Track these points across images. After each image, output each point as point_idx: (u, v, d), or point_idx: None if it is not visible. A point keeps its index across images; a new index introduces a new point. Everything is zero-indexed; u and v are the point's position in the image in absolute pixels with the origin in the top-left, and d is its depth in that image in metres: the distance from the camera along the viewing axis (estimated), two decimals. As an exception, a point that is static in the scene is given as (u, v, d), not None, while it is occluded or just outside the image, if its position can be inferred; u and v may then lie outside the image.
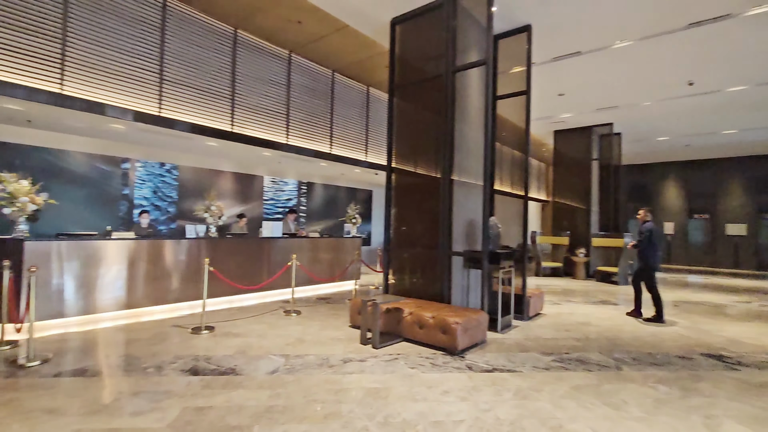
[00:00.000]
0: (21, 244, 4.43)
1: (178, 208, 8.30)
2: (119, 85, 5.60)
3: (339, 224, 11.66)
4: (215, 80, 6.72)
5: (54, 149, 6.66)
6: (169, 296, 5.68)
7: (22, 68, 4.79)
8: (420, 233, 5.48)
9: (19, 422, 2.50)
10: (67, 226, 6.45)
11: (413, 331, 4.40)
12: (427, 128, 5.50)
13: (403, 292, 5.53)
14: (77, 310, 4.84)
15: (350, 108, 9.29)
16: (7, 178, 4.51)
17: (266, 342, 4.35)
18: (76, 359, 3.69)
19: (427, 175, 5.48)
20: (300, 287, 7.42)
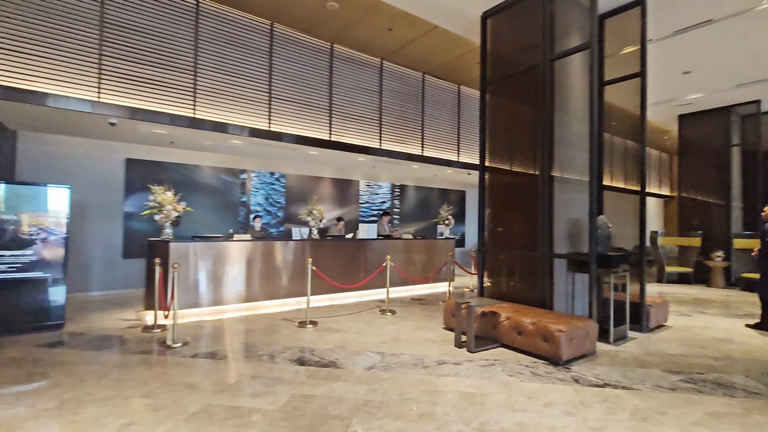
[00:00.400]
0: (167, 245, 5.32)
1: (286, 213, 9.15)
2: (237, 106, 6.40)
3: (432, 226, 11.65)
4: (315, 93, 7.27)
5: (189, 165, 7.88)
6: (279, 292, 6.28)
7: (165, 99, 5.76)
8: (517, 234, 5.20)
9: (167, 393, 3.01)
10: (199, 230, 7.56)
11: (511, 336, 4.20)
12: (522, 123, 5.22)
13: (499, 295, 5.31)
14: (208, 302, 5.64)
15: (441, 108, 9.24)
16: (157, 190, 5.46)
17: (363, 339, 4.55)
18: (207, 343, 4.31)
19: (524, 173, 5.18)
20: (394, 287, 7.60)
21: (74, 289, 6.55)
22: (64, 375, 3.34)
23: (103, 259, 7.01)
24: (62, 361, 3.69)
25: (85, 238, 6.83)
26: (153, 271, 4.96)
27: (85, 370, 3.46)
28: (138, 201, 7.15)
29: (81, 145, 6.84)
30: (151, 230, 7.11)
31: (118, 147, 7.17)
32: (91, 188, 6.90)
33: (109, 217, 7.07)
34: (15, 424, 2.54)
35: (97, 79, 5.24)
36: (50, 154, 6.58)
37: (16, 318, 4.58)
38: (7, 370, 3.45)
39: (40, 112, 5.18)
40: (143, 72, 5.58)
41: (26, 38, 4.78)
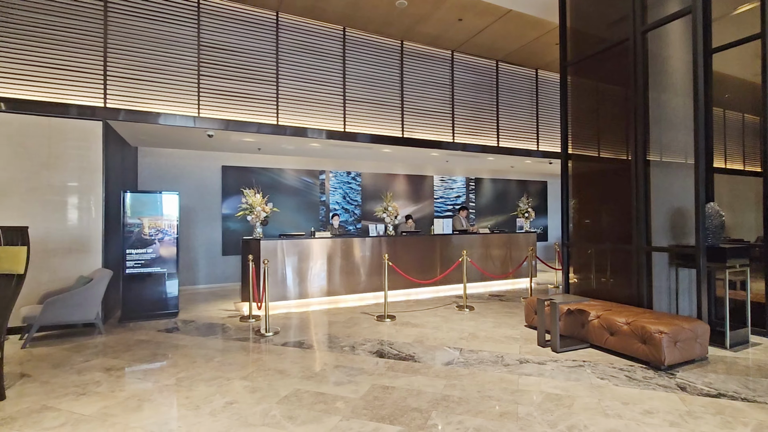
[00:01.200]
0: (258, 243, 5.84)
1: (362, 210, 9.45)
2: (315, 110, 6.76)
3: (510, 219, 11.17)
4: (387, 92, 7.39)
5: (274, 168, 8.52)
6: (358, 287, 6.53)
7: (252, 110, 6.30)
8: (607, 226, 4.78)
9: (262, 377, 3.32)
10: (285, 228, 8.16)
11: (601, 336, 3.88)
12: (611, 104, 4.77)
13: (586, 292, 4.93)
14: (294, 295, 6.08)
15: (518, 96, 8.80)
16: (248, 193, 6.00)
17: (441, 334, 4.54)
18: (295, 333, 4.65)
19: (614, 158, 4.74)
20: (472, 283, 7.45)
21: (184, 283, 7.49)
22: (180, 356, 3.85)
23: (205, 256, 7.91)
24: (177, 344, 4.26)
25: (191, 238, 7.76)
26: (247, 267, 5.48)
27: (196, 353, 3.95)
28: (232, 204, 7.94)
29: (186, 156, 7.78)
30: (245, 229, 7.84)
31: (215, 156, 8.01)
32: (194, 193, 7.82)
33: (210, 218, 7.94)
34: (144, 396, 3.00)
35: (197, 96, 5.91)
36: (162, 166, 7.59)
37: (142, 306, 5.39)
38: (138, 350, 4.08)
39: (153, 129, 5.99)
40: (233, 87, 6.16)
41: (141, 66, 5.57)
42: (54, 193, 4.93)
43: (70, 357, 3.87)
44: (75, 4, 5.17)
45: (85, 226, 5.07)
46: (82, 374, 3.42)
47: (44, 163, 4.91)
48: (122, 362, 3.71)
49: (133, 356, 3.88)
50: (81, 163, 5.08)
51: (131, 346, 4.22)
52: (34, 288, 4.69)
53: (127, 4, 5.47)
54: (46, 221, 4.87)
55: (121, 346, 4.22)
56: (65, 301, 4.31)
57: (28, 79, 4.93)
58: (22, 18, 4.91)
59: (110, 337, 4.55)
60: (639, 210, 4.37)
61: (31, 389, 3.13)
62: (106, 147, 5.27)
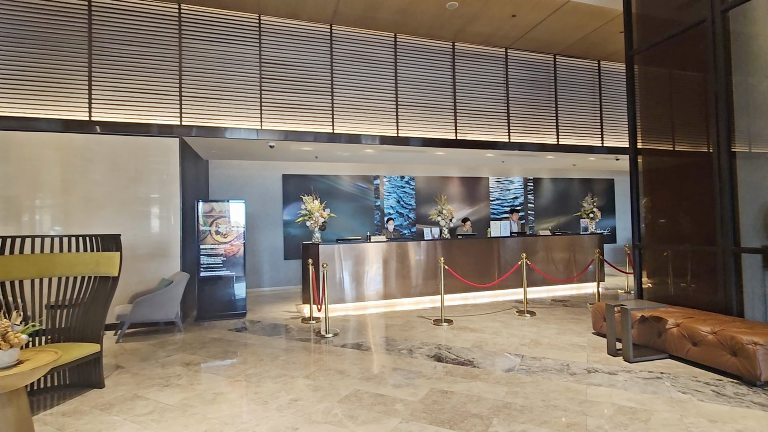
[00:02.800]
0: (317, 247, 6.07)
1: (416, 214, 9.46)
2: (368, 117, 6.91)
3: (574, 220, 10.57)
4: (439, 95, 7.36)
5: (331, 175, 8.82)
6: (414, 290, 6.54)
7: (309, 120, 6.58)
8: (685, 226, 4.38)
9: (323, 376, 3.45)
10: (341, 233, 8.39)
11: (682, 347, 3.54)
12: (686, 92, 4.37)
13: (662, 298, 4.54)
14: (352, 298, 6.23)
15: (578, 90, 8.33)
16: (306, 200, 6.27)
17: (500, 339, 4.42)
18: (354, 335, 4.76)
19: (692, 152, 4.34)
20: (533, 288, 7.16)
21: (250, 285, 7.97)
22: (249, 354, 4.11)
23: (269, 260, 8.36)
24: (246, 342, 4.55)
25: (255, 243, 8.24)
26: (307, 271, 5.72)
27: (263, 351, 4.20)
28: (292, 210, 8.33)
29: (250, 166, 8.31)
30: (304, 235, 8.19)
31: (276, 165, 8.47)
32: (258, 201, 8.31)
33: (272, 224, 8.39)
34: (219, 389, 3.25)
35: (259, 110, 6.31)
36: (230, 176, 8.16)
37: (215, 307, 5.82)
38: (211, 347, 4.42)
39: (221, 142, 6.48)
40: (292, 99, 6.49)
41: (210, 85, 6.06)
42: (139, 204, 5.51)
43: (155, 352, 4.29)
44: (155, 34, 5.77)
45: (165, 233, 5.60)
46: (165, 367, 3.77)
47: (132, 178, 5.51)
48: (199, 358, 4.04)
49: (207, 353, 4.21)
50: (161, 176, 5.62)
51: (206, 343, 4.57)
52: (124, 289, 5.26)
53: (199, 29, 5.99)
54: (134, 229, 5.45)
55: (197, 343, 4.59)
56: (150, 301, 4.79)
57: (117, 104, 5.57)
58: (107, 48, 5.56)
59: (188, 335, 4.96)
60: (724, 207, 3.94)
61: (125, 379, 3.51)
62: (182, 161, 5.79)
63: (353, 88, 6.83)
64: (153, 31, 5.76)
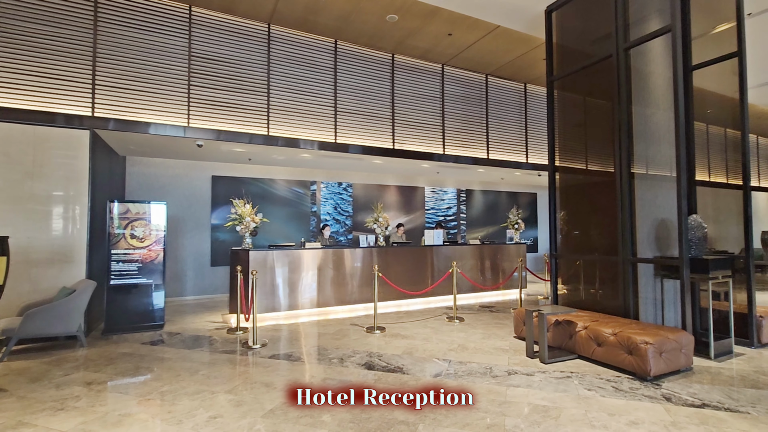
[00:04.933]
0: (247, 254, 5.80)
1: (353, 221, 9.46)
2: (306, 121, 6.80)
3: (501, 230, 11.26)
4: (378, 104, 7.48)
5: (265, 179, 8.52)
6: (349, 298, 6.51)
7: (243, 120, 6.32)
8: (594, 237, 4.86)
9: (247, 390, 3.28)
10: (274, 239, 8.12)
11: (588, 347, 3.91)
12: (596, 118, 4.89)
13: (575, 303, 4.98)
14: (284, 307, 6.03)
15: (507, 109, 8.96)
16: (237, 203, 5.98)
17: (430, 346, 4.54)
18: (284, 346, 4.60)
19: (600, 171, 4.84)
20: (462, 294, 7.46)
21: (171, 294, 7.39)
22: (164, 370, 3.79)
23: (193, 267, 7.82)
24: (162, 357, 4.19)
25: (179, 248, 7.68)
26: (236, 278, 5.44)
27: (180, 366, 3.89)
28: (222, 214, 7.90)
29: (175, 165, 7.75)
30: (234, 240, 7.79)
31: (204, 166, 7.99)
32: (183, 203, 7.76)
33: (198, 229, 7.88)
34: (126, 410, 2.95)
35: (187, 106, 5.92)
36: (150, 175, 7.54)
37: (127, 318, 5.30)
38: (120, 363, 4.00)
39: (142, 139, 5.97)
40: (224, 97, 6.19)
41: (131, 75, 5.58)
42: (37, 203, 4.88)
43: (50, 371, 3.79)
44: (64, 12, 5.19)
45: (69, 236, 5.00)
46: (61, 389, 3.35)
47: (28, 172, 4.86)
48: (104, 376, 3.64)
49: (115, 370, 3.81)
50: (66, 173, 5.03)
51: (114, 359, 4.14)
52: (13, 300, 4.60)
53: (118, 12, 5.51)
54: (29, 231, 4.80)
55: (103, 359, 4.14)
56: (46, 312, 4.23)
57: (12, 88, 4.90)
58: (7, 26, 4.90)
59: (92, 350, 4.46)
60: (624, 222, 4.45)
61: (7, 405, 3.05)
62: (93, 156, 5.23)
63: (291, 91, 6.70)
64: (63, 10, 5.18)
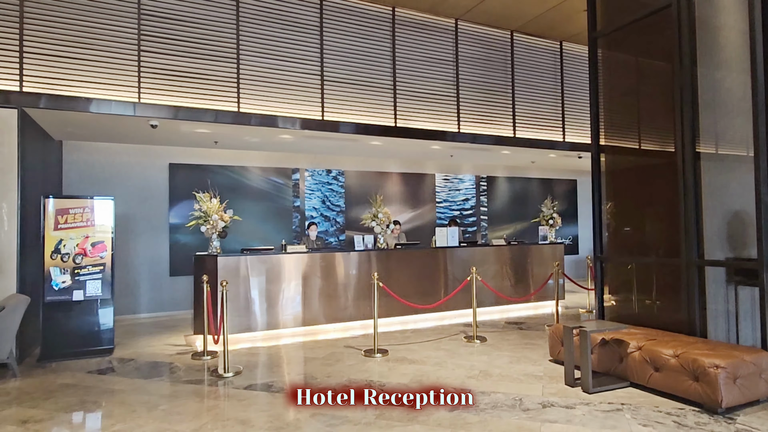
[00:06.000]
0: (215, 260, 5.80)
1: (346, 218, 9.45)
2: (286, 94, 6.77)
3: (532, 227, 11.22)
4: (375, 71, 7.43)
5: (235, 166, 8.52)
6: (342, 314, 6.53)
7: (207, 94, 6.29)
8: (650, 235, 4.85)
9: (219, 429, 3.28)
10: (249, 241, 8.12)
11: (643, 373, 3.90)
12: (651, 84, 4.87)
13: (626, 318, 4.96)
14: (262, 325, 6.06)
15: (538, 75, 8.90)
16: (201, 198, 5.98)
17: (445, 372, 4.53)
18: (262, 373, 4.61)
19: (657, 151, 4.82)
20: (484, 308, 7.46)
21: (122, 311, 7.40)
22: (115, 404, 3.80)
23: (149, 277, 7.84)
24: (113, 389, 4.20)
25: (131, 255, 7.69)
26: (201, 290, 5.44)
27: (135, 399, 3.90)
28: (183, 211, 7.89)
29: (124, 151, 7.74)
30: (198, 243, 7.79)
31: (160, 151, 7.99)
32: (135, 198, 7.76)
33: (155, 230, 7.89)
34: (67, 456, 2.95)
35: (137, 78, 5.90)
36: (94, 164, 7.54)
37: (68, 342, 5.30)
38: (62, 397, 4.01)
39: (83, 119, 5.95)
40: (184, 66, 6.15)
41: (66, 41, 5.55)
42: (-46, 200, 4.88)
43: (-27, 408, 3.80)
44: (-17, -38, 5.17)
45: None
46: (-13, 430, 3.35)
47: (-58, 162, 4.86)
48: (42, 412, 3.65)
49: (55, 404, 3.82)
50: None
51: (53, 391, 4.15)
52: (-73, 320, 4.61)
53: (49, -38, 5.48)
54: (-56, 235, 4.81)
55: (40, 392, 4.16)
56: (-33, 336, 4.24)
57: None
58: None
59: (27, 381, 4.47)
60: (688, 215, 4.41)
61: None
62: (22, 141, 5.23)
63: (267, 56, 6.66)
64: (-20, -42, 5.16)
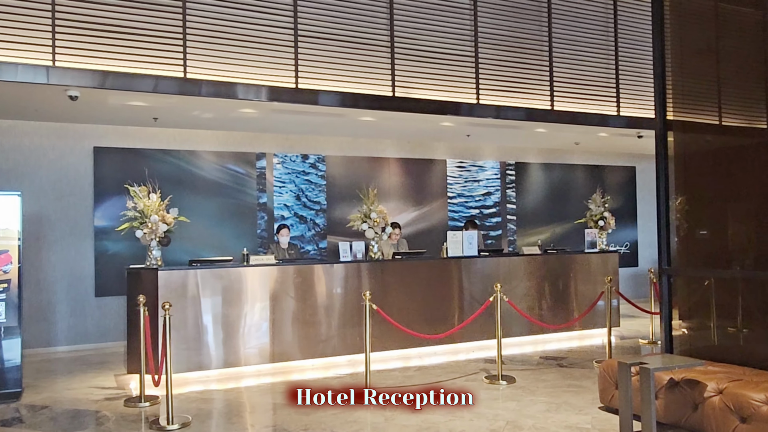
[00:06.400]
0: (155, 275, 5.73)
1: (328, 218, 9.41)
2: (247, 53, 6.69)
3: (576, 230, 11.13)
4: (366, 21, 7.35)
5: (182, 151, 8.47)
6: (323, 347, 6.50)
7: (144, 54, 6.21)
8: (736, 241, 4.82)
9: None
10: (199, 250, 8.06)
11: (726, 424, 3.83)
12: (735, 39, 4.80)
13: (702, 351, 4.90)
14: (217, 362, 6.02)
15: (583, 26, 8.85)
16: (136, 193, 5.90)
17: (460, 424, 4.47)
18: (218, 426, 4.60)
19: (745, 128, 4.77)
20: (512, 339, 7.43)
21: (32, 344, 7.31)
22: (14, 473, 3.72)
23: (68, 297, 7.79)
24: (13, 450, 4.14)
25: (44, 268, 7.63)
26: (136, 316, 5.37)
27: (42, 466, 3.82)
28: (113, 210, 7.86)
29: (34, 131, 7.70)
30: (133, 253, 7.70)
31: (82, 131, 7.99)
32: (49, 194, 7.73)
33: (75, 235, 7.86)
34: None
35: (51, 35, 5.81)
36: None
37: (-46, 386, 5.25)
38: (-60, 463, 3.94)
39: (-25, 86, 5.90)
40: (112, 19, 6.06)
41: (-47, -18, 5.47)
42: None
43: None
44: None
45: None
46: None
47: None
48: None
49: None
50: None
51: (-69, 455, 4.08)
52: None
53: None
54: None
55: None
56: None
57: None
58: None
59: None
60: (785, 213, 4.36)
61: None
62: None
63: (223, 5, 6.58)
64: None
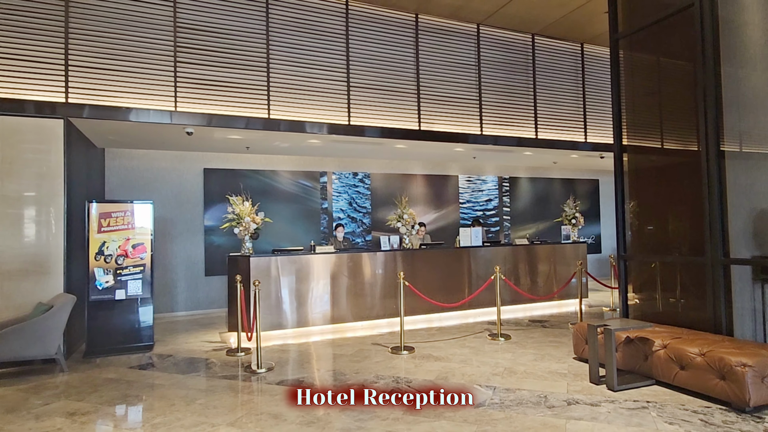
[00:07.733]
0: (248, 260, 5.92)
1: (372, 219, 9.51)
2: (313, 100, 6.86)
3: (555, 227, 11.06)
4: (399, 77, 7.46)
5: (266, 170, 8.67)
6: (369, 312, 6.57)
7: (239, 101, 6.43)
8: (674, 233, 4.75)
9: (253, 423, 3.36)
10: (279, 242, 8.25)
11: (668, 371, 3.82)
12: (673, 83, 4.76)
13: (650, 316, 4.87)
14: (292, 323, 6.15)
15: (560, 77, 8.79)
16: (234, 201, 6.11)
17: (470, 369, 4.53)
18: (293, 369, 4.70)
19: (680, 150, 4.71)
20: (508, 306, 7.41)
21: (160, 310, 7.62)
22: (156, 398, 3.93)
23: (186, 277, 8.04)
24: (153, 383, 4.35)
25: (168, 256, 7.91)
26: (235, 290, 5.57)
27: (174, 394, 4.02)
28: (217, 213, 8.09)
29: (161, 157, 7.98)
30: (231, 245, 7.97)
31: (195, 157, 8.20)
32: (172, 202, 7.99)
33: (190, 232, 8.10)
34: (115, 444, 3.08)
35: (173, 88, 6.08)
36: (134, 170, 7.79)
37: (111, 338, 5.50)
38: (106, 391, 4.17)
39: (123, 127, 6.17)
40: (216, 75, 6.31)
41: (108, 53, 5.75)
42: (8, 205, 5.11)
43: (27, 399, 3.98)
44: (33, -16, 5.41)
45: (44, 244, 5.23)
46: (41, 420, 3.51)
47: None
48: (88, 405, 3.81)
49: (100, 398, 3.97)
50: (39, 169, 5.25)
51: (98, 386, 4.32)
52: (-14, 317, 4.86)
53: (93, -19, 5.70)
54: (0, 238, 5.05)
55: (86, 386, 4.32)
56: (21, 332, 4.44)
57: (-21, 73, 5.15)
58: (-28, 2, 5.15)
59: (74, 376, 4.66)
60: (713, 213, 4.30)
61: (-17, 438, 3.24)
62: (68, 149, 5.45)
63: (295, 65, 6.77)
64: (30, -20, 5.41)
